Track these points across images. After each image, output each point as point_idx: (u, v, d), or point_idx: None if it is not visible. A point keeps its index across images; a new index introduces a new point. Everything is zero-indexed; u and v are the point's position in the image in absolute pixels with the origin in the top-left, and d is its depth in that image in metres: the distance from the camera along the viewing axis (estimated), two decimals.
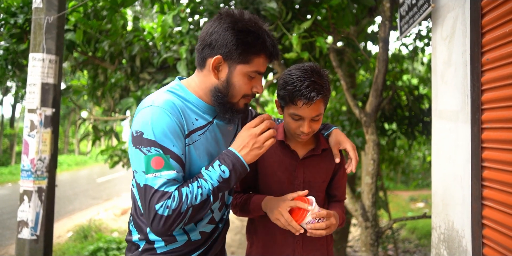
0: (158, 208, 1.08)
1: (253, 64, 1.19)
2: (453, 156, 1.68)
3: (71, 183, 14.69)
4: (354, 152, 1.50)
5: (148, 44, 3.72)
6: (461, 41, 1.62)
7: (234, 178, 1.18)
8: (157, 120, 1.12)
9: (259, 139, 1.20)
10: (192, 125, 1.22)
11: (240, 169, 1.19)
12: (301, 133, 1.40)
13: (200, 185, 1.14)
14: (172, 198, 1.09)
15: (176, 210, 1.09)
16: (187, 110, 1.22)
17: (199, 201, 1.12)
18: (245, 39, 1.15)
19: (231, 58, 1.18)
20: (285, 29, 2.96)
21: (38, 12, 2.94)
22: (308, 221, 1.31)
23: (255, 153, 1.20)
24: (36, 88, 2.88)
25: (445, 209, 1.79)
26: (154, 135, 1.11)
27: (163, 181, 1.10)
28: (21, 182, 2.89)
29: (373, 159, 2.77)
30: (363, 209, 2.78)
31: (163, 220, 1.09)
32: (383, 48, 2.75)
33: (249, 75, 1.21)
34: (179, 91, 1.26)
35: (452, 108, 1.70)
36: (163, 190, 1.09)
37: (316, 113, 1.36)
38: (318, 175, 1.54)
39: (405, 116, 4.28)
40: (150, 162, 1.10)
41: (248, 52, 1.17)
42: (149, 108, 1.15)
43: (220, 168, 1.17)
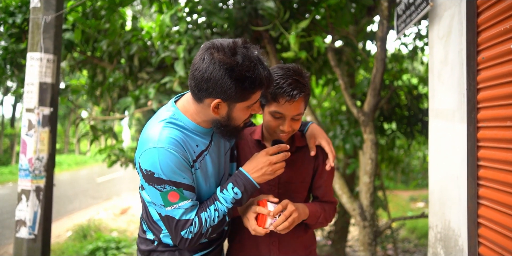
0: (184, 234, 1.26)
1: (251, 99, 1.24)
2: (450, 155, 1.68)
3: (71, 182, 14.71)
4: (329, 147, 1.51)
5: (147, 44, 3.72)
6: (457, 40, 1.62)
7: (246, 198, 1.32)
8: (165, 161, 1.21)
9: (273, 168, 1.31)
10: (193, 154, 1.30)
11: (251, 189, 1.31)
12: (281, 132, 1.40)
13: (216, 208, 1.29)
14: (194, 224, 1.26)
15: (198, 232, 1.27)
16: (188, 140, 1.29)
17: (217, 222, 1.29)
18: (243, 85, 1.17)
19: (230, 99, 1.21)
20: (283, 28, 2.96)
21: (36, 11, 2.94)
22: (270, 223, 1.34)
23: (265, 177, 1.32)
24: (34, 88, 2.88)
25: (442, 208, 1.78)
26: (165, 174, 1.21)
27: (182, 211, 1.25)
28: (19, 181, 2.89)
29: (371, 158, 2.77)
30: (361, 208, 2.78)
31: (188, 242, 1.27)
32: (381, 47, 2.75)
33: (249, 107, 1.27)
34: (178, 120, 1.29)
35: (449, 107, 1.70)
36: (185, 219, 1.25)
37: (297, 112, 1.37)
38: (295, 175, 1.51)
39: (404, 115, 4.27)
40: (167, 197, 1.24)
41: (247, 93, 1.20)
42: (155, 150, 1.21)
43: (233, 191, 1.30)
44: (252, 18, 3.22)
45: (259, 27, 3.08)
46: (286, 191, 1.50)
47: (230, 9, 2.96)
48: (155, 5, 3.53)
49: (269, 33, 3.19)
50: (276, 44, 3.51)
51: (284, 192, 1.50)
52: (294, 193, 1.51)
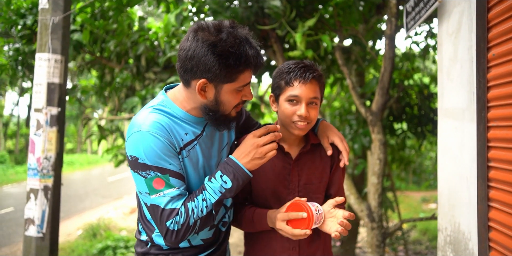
0: (169, 225, 1.16)
1: (239, 80, 1.17)
2: (459, 155, 1.63)
3: (82, 182, 14.90)
4: (342, 144, 1.47)
5: (154, 44, 3.73)
6: (467, 36, 1.57)
7: (236, 187, 1.22)
8: (148, 145, 1.15)
9: (262, 150, 1.21)
10: (181, 141, 1.24)
11: (242, 176, 1.21)
12: (299, 119, 1.35)
13: (204, 198, 1.20)
14: (180, 214, 1.17)
15: (185, 224, 1.17)
16: (175, 126, 1.23)
17: (206, 213, 1.19)
18: (227, 62, 1.11)
19: (216, 79, 1.15)
20: (290, 27, 2.92)
21: (44, 13, 2.96)
22: (315, 221, 1.27)
23: (256, 162, 1.23)
24: (42, 88, 2.91)
25: (451, 210, 1.73)
26: (148, 159, 1.15)
27: (167, 199, 1.17)
28: (28, 180, 2.92)
29: (379, 158, 2.71)
30: (369, 209, 2.73)
31: (175, 234, 1.18)
32: (389, 46, 2.69)
33: (237, 89, 1.20)
34: (166, 107, 1.25)
35: (458, 106, 1.65)
36: (170, 208, 1.16)
37: (313, 94, 1.35)
38: (314, 175, 1.47)
39: (414, 115, 4.19)
40: (152, 183, 1.16)
41: (233, 72, 1.14)
42: (138, 134, 1.17)
43: (222, 179, 1.21)
44: (259, 17, 3.19)
45: (266, 26, 3.05)
46: (306, 193, 1.46)
47: (236, 8, 2.94)
48: (163, 5, 3.53)
49: (276, 32, 3.16)
50: (284, 43, 3.47)
51: (304, 194, 1.45)
52: (314, 194, 1.46)
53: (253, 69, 1.19)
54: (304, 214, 1.25)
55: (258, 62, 1.18)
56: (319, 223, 1.29)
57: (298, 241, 1.44)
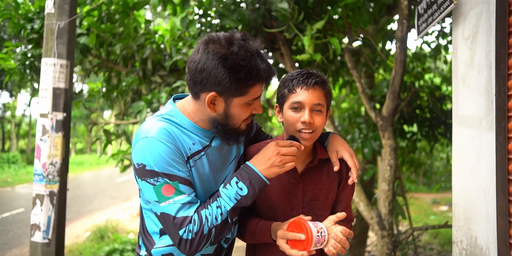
0: (182, 234, 1.11)
1: (249, 94, 1.16)
2: (476, 166, 1.55)
3: (92, 182, 15.01)
4: (352, 160, 1.39)
5: (160, 47, 3.70)
6: (485, 41, 1.49)
7: (252, 194, 1.17)
8: (155, 151, 1.13)
9: (282, 158, 1.18)
10: (189, 150, 1.21)
11: (258, 183, 1.17)
12: (303, 126, 1.30)
13: (219, 205, 1.15)
14: (193, 222, 1.11)
15: (199, 232, 1.11)
16: (183, 136, 1.21)
17: (220, 221, 1.14)
18: (238, 75, 1.10)
19: (226, 93, 1.14)
20: (298, 29, 2.86)
21: (50, 17, 2.94)
22: (315, 243, 1.19)
23: (273, 170, 1.18)
24: (48, 93, 2.89)
25: (467, 223, 1.65)
26: (156, 166, 1.12)
27: (178, 207, 1.12)
28: (34, 186, 2.90)
29: (389, 165, 2.63)
30: (379, 217, 2.65)
31: (189, 244, 1.12)
32: (400, 48, 2.61)
33: (247, 103, 1.19)
34: (174, 117, 1.23)
35: (475, 114, 1.57)
36: (183, 216, 1.11)
37: (316, 101, 1.31)
38: (320, 191, 1.41)
39: (425, 117, 4.09)
40: (161, 191, 1.12)
41: (243, 86, 1.13)
42: (144, 140, 1.15)
43: (238, 185, 1.16)
44: (266, 20, 3.14)
45: (273, 29, 2.99)
46: (310, 209, 1.40)
47: (243, 10, 2.88)
48: (169, 7, 3.49)
49: (284, 35, 3.10)
50: (291, 46, 3.41)
51: (309, 210, 1.40)
52: (318, 211, 1.40)
53: (264, 82, 1.18)
54: (302, 236, 1.19)
55: (269, 75, 1.17)
56: (320, 245, 1.21)
57: None
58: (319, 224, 1.24)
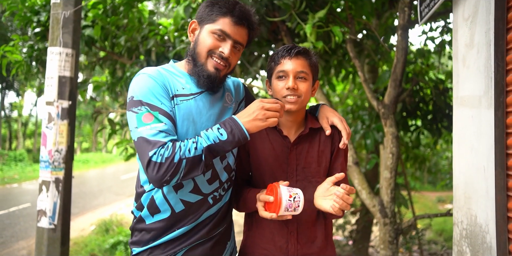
0: (151, 155, 1.14)
1: (218, 22, 1.30)
2: (476, 145, 1.56)
3: (97, 179, 15.13)
4: (342, 124, 1.46)
5: (164, 39, 3.72)
6: (484, 20, 1.50)
7: (231, 142, 1.22)
8: (144, 83, 1.25)
9: (265, 112, 1.23)
10: (177, 91, 1.31)
11: (238, 134, 1.22)
12: (288, 92, 1.38)
13: (195, 141, 1.20)
14: (166, 147, 1.16)
15: (169, 159, 1.14)
16: (175, 78, 1.34)
17: (192, 155, 1.16)
18: (215, 2, 1.32)
19: (202, 20, 1.33)
20: (300, 19, 2.87)
21: (56, 7, 2.99)
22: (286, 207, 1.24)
23: (256, 124, 1.24)
24: (54, 81, 2.93)
25: (468, 202, 1.66)
26: (141, 96, 1.23)
27: (154, 132, 1.18)
28: (40, 172, 2.95)
29: (391, 152, 2.64)
30: (381, 204, 2.65)
31: (157, 167, 1.14)
32: (402, 36, 2.62)
33: (214, 33, 1.31)
34: (170, 68, 1.39)
35: (475, 94, 1.58)
36: (156, 139, 1.17)
37: (300, 68, 1.40)
38: (312, 159, 1.46)
39: (429, 111, 4.08)
40: (141, 118, 1.20)
41: (215, 12, 1.31)
42: (138, 76, 1.29)
43: (219, 131, 1.22)
44: (269, 10, 3.15)
45: (275, 18, 3.01)
46: (305, 177, 1.46)
47: (246, 0, 2.91)
48: (172, 0, 3.53)
49: (286, 25, 3.11)
50: (294, 36, 3.43)
51: (303, 178, 1.46)
52: (313, 178, 1.46)
53: (235, 19, 1.30)
54: (271, 198, 1.25)
55: (241, 14, 1.31)
56: (293, 211, 1.25)
57: (296, 225, 1.44)
58: (296, 190, 1.28)
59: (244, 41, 1.38)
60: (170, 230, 1.32)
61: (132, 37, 3.58)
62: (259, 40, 3.55)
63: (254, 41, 3.56)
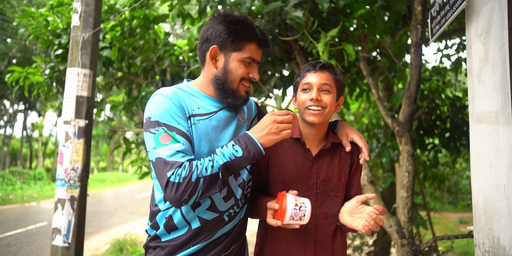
0: (170, 176, 1.15)
1: (245, 50, 1.33)
2: (495, 162, 1.50)
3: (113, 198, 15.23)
4: (362, 141, 1.49)
5: (179, 59, 3.81)
6: (498, 35, 1.48)
7: (247, 158, 1.22)
8: (160, 104, 1.26)
9: (278, 125, 1.23)
10: (193, 110, 1.32)
11: (253, 150, 1.22)
12: (311, 104, 1.41)
13: (212, 159, 1.20)
14: (183, 167, 1.17)
15: (187, 178, 1.15)
16: (190, 98, 1.35)
17: (209, 173, 1.17)
18: (235, 28, 1.31)
19: (225, 47, 1.32)
20: (313, 38, 2.90)
21: (75, 30, 3.11)
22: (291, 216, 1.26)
23: (270, 138, 1.24)
24: (71, 101, 3.01)
25: (489, 223, 1.59)
26: (159, 117, 1.24)
27: (172, 152, 1.19)
28: (56, 190, 2.99)
29: (407, 171, 2.57)
30: (398, 225, 2.57)
31: (175, 187, 1.15)
32: (415, 53, 2.61)
33: (244, 61, 1.33)
34: (185, 87, 1.39)
35: (491, 110, 1.54)
36: (174, 160, 1.18)
37: (323, 81, 1.43)
38: (332, 173, 1.49)
39: (446, 128, 4.00)
40: (159, 138, 1.21)
41: (239, 39, 1.32)
42: (155, 97, 1.31)
43: (234, 148, 1.22)
44: (282, 30, 3.20)
45: (288, 38, 3.05)
46: (324, 190, 1.48)
47: (259, 20, 2.96)
48: (187, 22, 3.63)
49: (299, 44, 3.15)
50: (307, 55, 3.46)
51: (322, 191, 1.48)
52: (332, 192, 1.48)
53: (259, 44, 1.35)
54: (276, 205, 1.27)
55: (263, 37, 1.35)
56: (298, 219, 1.27)
57: (313, 237, 1.45)
58: (303, 199, 1.30)
59: None
60: (185, 247, 1.32)
61: (148, 57, 3.68)
62: (273, 59, 3.59)
63: (268, 60, 3.60)
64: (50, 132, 29.52)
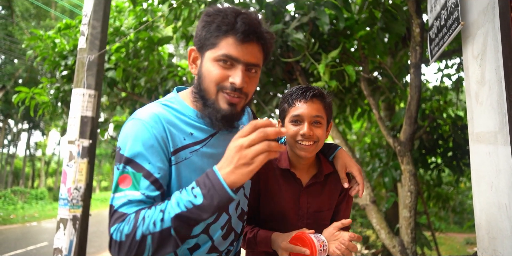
0: (112, 232, 0.93)
1: (220, 46, 1.01)
2: (495, 182, 1.51)
3: None
4: (360, 176, 1.39)
5: (182, 79, 3.88)
6: (493, 57, 1.52)
7: (208, 207, 0.89)
8: (135, 135, 1.00)
9: (246, 153, 0.87)
10: (182, 141, 1.06)
11: (218, 194, 0.88)
12: (302, 138, 1.32)
13: (163, 209, 0.91)
14: (126, 221, 0.92)
15: (130, 236, 0.90)
16: (178, 123, 1.07)
17: (159, 229, 0.89)
18: (211, 21, 1.02)
19: (202, 46, 1.05)
20: (314, 60, 2.97)
21: (82, 52, 3.19)
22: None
23: (241, 171, 0.88)
24: (76, 121, 3.05)
25: (492, 243, 1.58)
26: (129, 151, 0.99)
27: (123, 202, 0.95)
28: (59, 210, 2.98)
29: (410, 190, 2.57)
30: (402, 245, 2.54)
31: (117, 247, 0.91)
32: (415, 74, 2.65)
33: (218, 59, 1.01)
34: (174, 104, 1.11)
35: (490, 130, 1.56)
36: (121, 212, 0.94)
37: (315, 113, 1.33)
38: (323, 203, 1.43)
39: (448, 148, 4.00)
40: (119, 179, 0.98)
41: (213, 35, 1.01)
42: (130, 122, 1.04)
43: (193, 192, 0.90)
44: (284, 51, 3.28)
45: (289, 59, 3.12)
46: (315, 221, 1.42)
47: None
48: (191, 43, 3.72)
49: (300, 65, 3.21)
50: (308, 76, 3.52)
51: (313, 222, 1.42)
52: (322, 222, 1.42)
53: (240, 37, 1.00)
54: (307, 251, 1.20)
55: (247, 28, 1.00)
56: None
57: None
58: (321, 237, 1.26)
59: (258, 60, 1.06)
60: None
61: (152, 78, 3.75)
62: (275, 80, 3.65)
63: (270, 81, 3.66)
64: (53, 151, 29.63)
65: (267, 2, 3.10)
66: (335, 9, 2.87)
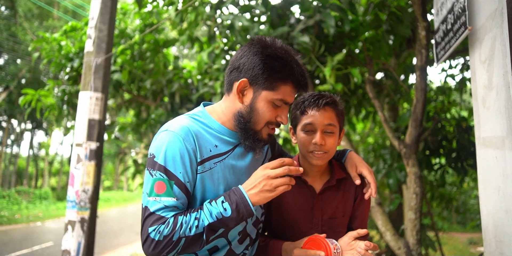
0: (151, 231, 1.07)
1: (279, 91, 1.16)
2: (503, 187, 1.52)
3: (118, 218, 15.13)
4: (371, 176, 1.39)
5: (187, 82, 3.91)
6: (501, 62, 1.53)
7: (235, 219, 1.10)
8: (168, 145, 1.12)
9: (271, 182, 1.10)
10: (208, 152, 1.18)
11: (243, 210, 1.10)
12: (315, 148, 1.32)
13: (198, 217, 1.09)
14: (166, 224, 1.07)
15: (168, 237, 1.06)
16: (206, 135, 1.19)
17: (193, 234, 1.07)
18: (272, 64, 1.13)
19: (256, 82, 1.16)
20: (320, 62, 2.98)
21: (89, 55, 3.22)
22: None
23: (264, 195, 1.11)
24: (83, 124, 3.08)
25: (499, 247, 1.59)
26: (163, 159, 1.12)
27: (160, 206, 1.09)
28: (67, 212, 3.01)
29: (415, 193, 2.58)
30: (407, 247, 2.55)
31: (154, 244, 1.07)
32: (421, 77, 2.66)
33: (274, 102, 1.17)
34: (201, 118, 1.23)
35: (497, 134, 1.57)
36: (159, 215, 1.09)
37: (327, 121, 1.33)
38: (337, 209, 1.41)
39: (452, 149, 4.01)
40: (154, 185, 1.11)
41: (274, 78, 1.14)
42: (164, 133, 1.16)
43: (223, 205, 1.10)
44: None
45: None
46: (329, 228, 1.40)
47: None
48: (196, 45, 3.74)
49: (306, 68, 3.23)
50: (314, 78, 3.53)
51: (328, 228, 1.40)
52: (337, 229, 1.41)
53: (296, 86, 1.18)
54: (322, 253, 1.20)
55: (302, 80, 1.18)
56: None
57: None
58: (334, 241, 1.26)
59: None
60: None
61: (157, 80, 3.77)
62: None
63: None
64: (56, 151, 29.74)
65: (273, 4, 3.11)
66: (340, 11, 2.89)
